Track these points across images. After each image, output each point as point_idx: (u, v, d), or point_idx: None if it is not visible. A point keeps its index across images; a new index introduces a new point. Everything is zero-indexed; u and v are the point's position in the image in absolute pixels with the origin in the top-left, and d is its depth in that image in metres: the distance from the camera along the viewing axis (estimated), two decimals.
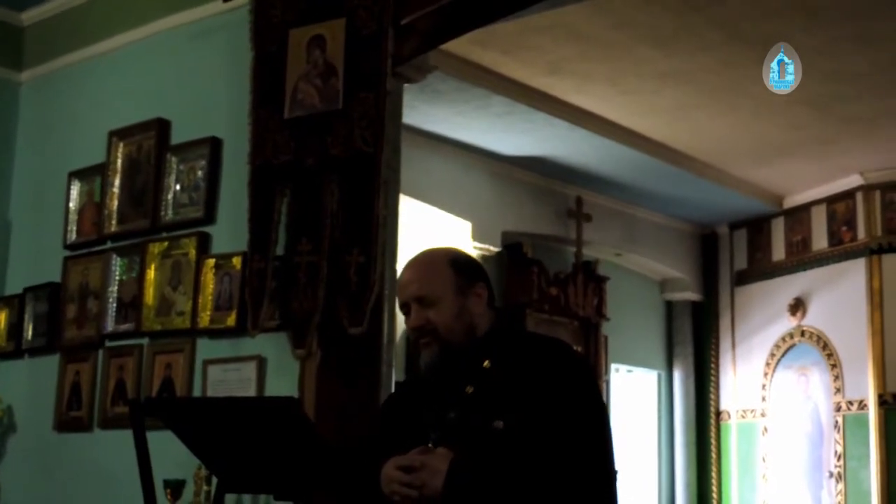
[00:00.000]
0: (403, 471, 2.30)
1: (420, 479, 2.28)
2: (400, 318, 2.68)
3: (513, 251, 8.72)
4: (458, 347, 2.46)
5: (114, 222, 5.16)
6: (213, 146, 4.81)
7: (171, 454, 3.28)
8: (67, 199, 5.41)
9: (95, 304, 5.14)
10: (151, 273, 4.89)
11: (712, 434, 10.40)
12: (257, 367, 4.39)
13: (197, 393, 4.58)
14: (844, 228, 9.43)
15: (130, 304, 4.99)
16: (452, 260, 2.55)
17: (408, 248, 4.44)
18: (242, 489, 3.64)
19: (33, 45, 5.94)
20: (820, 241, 9.65)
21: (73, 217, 5.39)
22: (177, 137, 5.02)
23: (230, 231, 4.62)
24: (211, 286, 4.61)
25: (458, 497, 2.26)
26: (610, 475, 2.36)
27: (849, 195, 9.39)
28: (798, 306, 9.77)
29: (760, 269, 10.27)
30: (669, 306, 10.79)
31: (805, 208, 9.81)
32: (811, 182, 9.47)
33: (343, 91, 4.17)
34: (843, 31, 6.42)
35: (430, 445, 2.35)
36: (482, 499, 2.27)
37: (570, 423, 2.33)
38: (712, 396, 10.48)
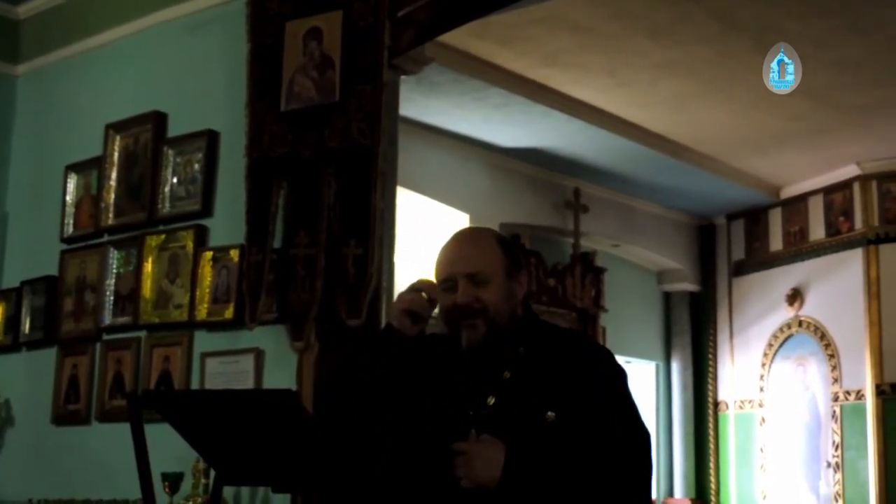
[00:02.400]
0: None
1: (464, 466, 2.24)
2: None
3: None
4: (503, 331, 2.41)
5: (111, 215, 5.16)
6: (210, 139, 4.81)
7: (169, 447, 3.27)
8: (64, 193, 5.41)
9: (93, 298, 5.14)
10: (149, 266, 4.89)
11: (710, 425, 10.39)
12: (255, 360, 4.40)
13: (195, 386, 4.58)
14: (842, 218, 9.42)
15: (128, 297, 4.99)
16: (501, 241, 2.51)
17: (405, 240, 4.45)
18: (240, 482, 3.64)
19: (30, 38, 5.93)
20: (817, 232, 9.64)
21: (69, 210, 5.39)
22: (173, 130, 5.02)
23: (227, 224, 4.62)
24: (208, 279, 4.61)
25: (517, 487, 2.23)
26: (650, 467, 2.39)
27: (846, 185, 9.37)
28: (796, 296, 9.76)
29: (758, 259, 10.25)
30: (667, 297, 10.78)
31: (802, 199, 9.79)
32: (808, 172, 9.45)
33: (340, 83, 4.17)
34: (839, 20, 6.41)
35: (472, 432, 2.29)
36: (541, 490, 2.24)
37: (616, 416, 2.37)
38: (710, 387, 10.47)
